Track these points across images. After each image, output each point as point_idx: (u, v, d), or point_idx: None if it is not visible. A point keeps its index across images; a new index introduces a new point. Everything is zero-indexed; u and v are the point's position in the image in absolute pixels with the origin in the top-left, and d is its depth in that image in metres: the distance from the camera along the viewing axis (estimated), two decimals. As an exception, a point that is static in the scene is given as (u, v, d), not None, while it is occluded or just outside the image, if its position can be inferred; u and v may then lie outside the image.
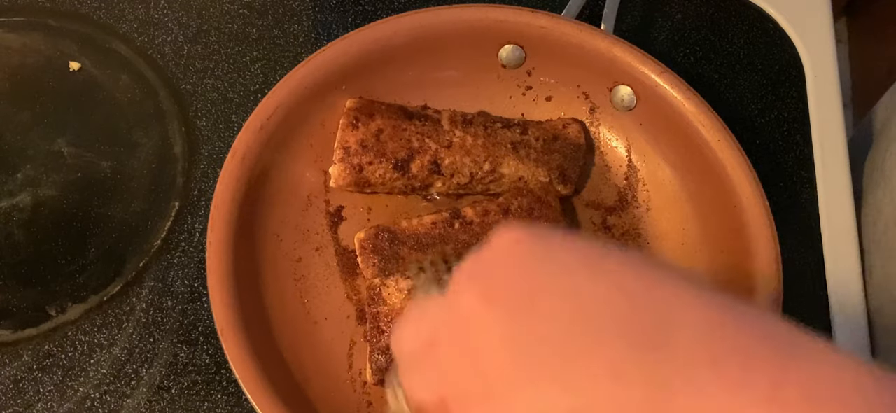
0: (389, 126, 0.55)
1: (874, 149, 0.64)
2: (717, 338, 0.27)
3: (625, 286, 0.28)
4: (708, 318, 0.27)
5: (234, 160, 0.52)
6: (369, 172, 0.55)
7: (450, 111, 0.58)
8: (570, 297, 0.28)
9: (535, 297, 0.29)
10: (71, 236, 0.57)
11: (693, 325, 0.27)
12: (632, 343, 0.27)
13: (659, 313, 0.27)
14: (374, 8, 0.67)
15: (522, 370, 0.28)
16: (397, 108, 0.57)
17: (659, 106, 0.57)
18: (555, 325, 0.28)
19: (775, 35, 0.68)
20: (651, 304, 0.28)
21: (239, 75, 0.63)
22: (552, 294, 0.29)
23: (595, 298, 0.28)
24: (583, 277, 0.29)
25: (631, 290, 0.28)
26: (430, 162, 0.55)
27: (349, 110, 0.56)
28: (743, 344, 0.26)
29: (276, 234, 0.55)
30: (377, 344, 0.50)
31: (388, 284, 0.51)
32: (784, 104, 0.65)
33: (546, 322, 0.28)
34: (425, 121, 0.56)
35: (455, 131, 0.56)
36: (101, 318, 0.54)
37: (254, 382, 0.47)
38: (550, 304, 0.28)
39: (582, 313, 0.28)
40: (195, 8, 0.66)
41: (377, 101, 0.57)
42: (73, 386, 0.52)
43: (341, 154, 0.55)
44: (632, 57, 0.57)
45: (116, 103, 0.62)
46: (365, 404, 0.52)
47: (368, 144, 0.55)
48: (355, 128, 0.55)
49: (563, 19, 0.58)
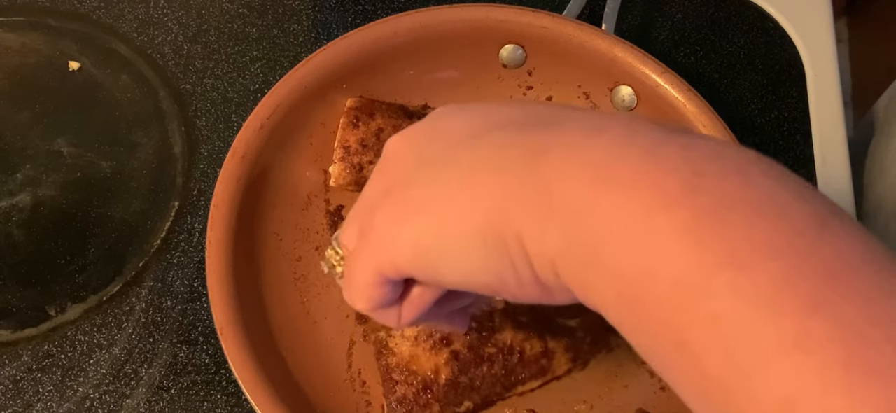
0: (390, 125, 0.55)
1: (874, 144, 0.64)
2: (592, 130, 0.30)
3: (525, 105, 0.33)
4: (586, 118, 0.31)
5: (233, 159, 0.52)
6: (369, 171, 0.55)
7: None
8: (471, 113, 0.33)
9: (441, 118, 0.34)
10: (70, 236, 0.57)
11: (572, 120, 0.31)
12: (521, 126, 0.31)
13: (549, 115, 0.32)
14: (374, 7, 0.67)
15: (423, 163, 0.32)
16: (398, 107, 0.57)
17: (660, 106, 0.57)
18: (455, 128, 0.33)
19: (775, 34, 0.68)
20: (543, 111, 0.32)
21: (239, 75, 0.63)
22: (456, 114, 0.34)
23: (494, 109, 0.33)
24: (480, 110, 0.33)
25: (530, 106, 0.33)
26: None
27: (349, 110, 0.56)
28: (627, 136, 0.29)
29: (276, 233, 0.55)
30: (393, 395, 0.50)
31: (394, 334, 0.51)
32: (784, 103, 0.65)
33: (447, 129, 0.33)
34: None
35: None
36: (101, 318, 0.54)
37: (253, 382, 0.47)
38: (452, 119, 0.33)
39: (481, 117, 0.33)
40: (195, 7, 0.66)
41: (378, 101, 0.57)
42: (73, 386, 0.52)
43: (341, 153, 0.55)
44: (632, 57, 0.57)
45: (116, 103, 0.62)
46: (364, 404, 0.51)
47: (369, 144, 0.55)
48: (356, 127, 0.55)
49: (563, 19, 0.58)
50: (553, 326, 0.52)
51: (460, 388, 0.50)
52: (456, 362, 0.50)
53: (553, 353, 0.51)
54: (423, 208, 0.32)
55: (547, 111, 0.32)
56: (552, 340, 0.51)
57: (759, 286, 0.24)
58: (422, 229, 0.32)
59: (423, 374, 0.50)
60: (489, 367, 0.50)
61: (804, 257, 0.24)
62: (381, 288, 0.34)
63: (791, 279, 0.24)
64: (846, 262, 0.24)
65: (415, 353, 0.51)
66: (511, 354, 0.51)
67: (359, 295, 0.35)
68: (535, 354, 0.51)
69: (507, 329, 0.51)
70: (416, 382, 0.50)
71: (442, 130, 0.33)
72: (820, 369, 0.23)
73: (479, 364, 0.50)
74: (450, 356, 0.50)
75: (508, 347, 0.51)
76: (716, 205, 0.26)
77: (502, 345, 0.51)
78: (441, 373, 0.50)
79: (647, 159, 0.28)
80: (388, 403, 0.50)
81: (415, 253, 0.32)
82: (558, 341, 0.51)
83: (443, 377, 0.50)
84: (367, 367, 0.52)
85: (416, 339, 0.51)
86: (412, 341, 0.51)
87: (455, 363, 0.50)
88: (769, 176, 0.27)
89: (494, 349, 0.51)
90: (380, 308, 0.36)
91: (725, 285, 0.25)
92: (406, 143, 0.34)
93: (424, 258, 0.32)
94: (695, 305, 0.25)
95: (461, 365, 0.50)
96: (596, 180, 0.28)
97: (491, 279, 0.31)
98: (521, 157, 0.30)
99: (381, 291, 0.34)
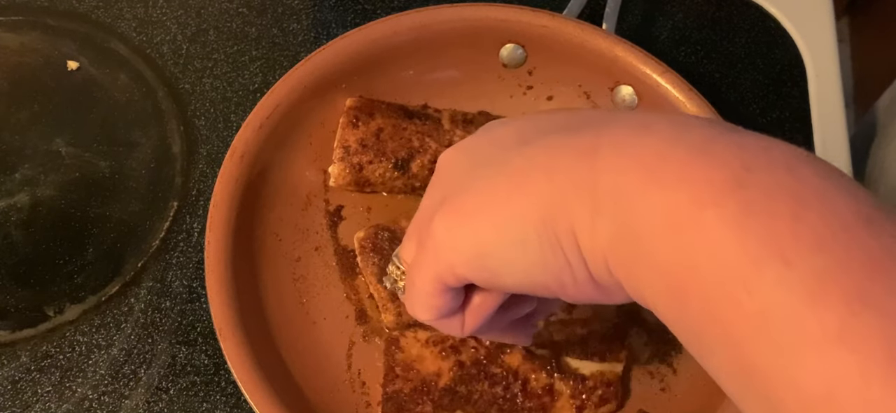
0: (389, 125, 0.55)
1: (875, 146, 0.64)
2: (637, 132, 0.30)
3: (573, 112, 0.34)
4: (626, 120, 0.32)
5: (232, 159, 0.52)
6: (369, 171, 0.55)
7: (450, 111, 0.57)
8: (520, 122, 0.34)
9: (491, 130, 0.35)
10: (69, 236, 0.57)
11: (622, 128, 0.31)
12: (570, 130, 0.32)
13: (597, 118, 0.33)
14: (374, 7, 0.67)
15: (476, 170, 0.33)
16: (398, 107, 0.57)
17: (661, 106, 0.56)
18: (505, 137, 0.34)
19: (777, 34, 0.68)
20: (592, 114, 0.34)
21: (238, 75, 0.63)
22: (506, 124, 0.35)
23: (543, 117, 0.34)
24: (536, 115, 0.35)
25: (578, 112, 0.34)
26: (430, 161, 0.55)
27: (349, 109, 0.56)
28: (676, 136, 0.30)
29: (275, 233, 0.54)
30: (391, 387, 0.50)
31: (407, 334, 0.51)
32: (785, 103, 0.65)
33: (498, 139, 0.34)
34: (426, 120, 0.56)
35: (456, 131, 0.56)
36: (100, 318, 0.54)
37: (252, 382, 0.46)
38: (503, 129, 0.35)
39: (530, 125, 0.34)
40: (194, 7, 0.66)
41: (377, 101, 0.57)
42: (71, 387, 0.52)
43: (341, 153, 0.55)
44: (633, 57, 0.56)
45: (115, 103, 0.61)
46: (364, 404, 0.51)
47: (368, 143, 0.55)
48: (355, 127, 0.55)
49: (564, 19, 0.58)
50: (566, 368, 0.51)
51: (457, 396, 0.50)
52: (459, 371, 0.50)
53: (558, 395, 0.50)
54: (478, 212, 0.32)
55: (595, 115, 0.34)
56: (561, 381, 0.50)
57: (804, 279, 0.25)
58: (478, 233, 0.32)
59: (425, 374, 0.50)
60: (490, 385, 0.50)
61: (849, 251, 0.25)
62: (442, 296, 0.35)
63: (835, 273, 0.24)
64: (891, 256, 0.25)
65: (423, 353, 0.51)
66: (515, 380, 0.50)
67: (421, 306, 0.36)
68: (540, 389, 0.50)
69: (518, 355, 0.51)
70: (415, 380, 0.50)
71: (492, 141, 0.35)
72: (861, 362, 0.23)
73: (481, 379, 0.50)
74: (455, 364, 0.50)
75: (514, 372, 0.50)
76: (764, 199, 0.26)
77: (509, 368, 0.50)
78: (442, 377, 0.50)
79: (697, 156, 0.28)
80: (384, 393, 0.50)
81: (473, 257, 0.33)
82: (566, 383, 0.50)
83: (442, 381, 0.50)
84: (367, 368, 0.52)
85: (427, 342, 0.51)
86: (423, 343, 0.51)
87: (458, 371, 0.50)
88: (817, 172, 0.28)
89: (500, 370, 0.50)
90: (443, 317, 0.36)
91: (771, 278, 0.25)
92: (458, 154, 0.36)
93: (483, 262, 0.33)
94: (740, 297, 0.26)
95: (463, 375, 0.50)
96: (645, 175, 0.29)
97: (548, 279, 0.32)
98: (572, 157, 0.31)
99: (443, 300, 0.35)
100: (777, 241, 0.25)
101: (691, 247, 0.27)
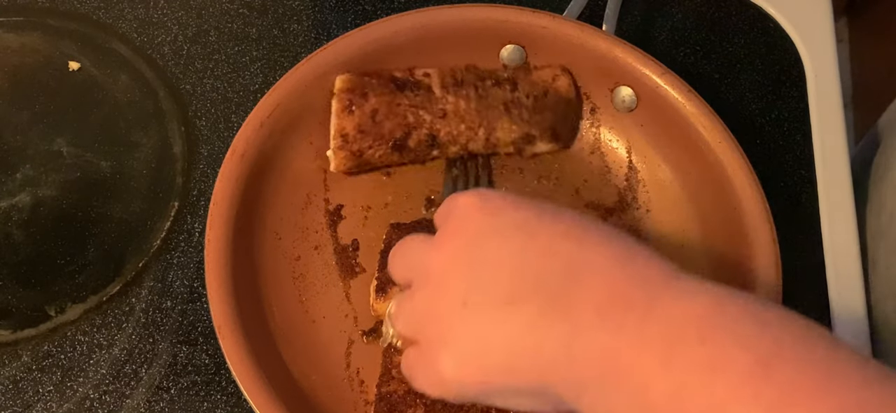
0: (383, 103, 0.55)
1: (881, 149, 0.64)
2: (608, 287, 0.35)
3: (551, 248, 0.37)
4: (606, 270, 0.36)
5: (233, 157, 0.52)
6: (369, 155, 0.55)
7: (439, 72, 0.57)
8: (506, 263, 0.37)
9: (481, 264, 0.38)
10: (70, 236, 0.57)
11: (595, 277, 0.36)
12: (546, 302, 0.36)
13: (572, 269, 0.36)
14: (374, 7, 0.67)
15: (467, 326, 0.37)
16: (387, 79, 0.56)
17: (660, 107, 0.57)
18: (494, 292, 0.37)
19: (776, 35, 0.68)
20: (567, 261, 0.36)
21: (238, 75, 0.63)
22: (494, 262, 0.37)
23: (525, 266, 0.37)
24: (519, 244, 0.37)
25: (554, 250, 0.37)
26: (426, 135, 0.55)
27: (340, 93, 0.55)
28: (624, 289, 0.35)
29: (275, 231, 0.55)
30: (385, 387, 0.50)
31: None
32: (784, 104, 0.65)
33: (489, 290, 0.37)
34: (417, 90, 0.56)
35: (447, 97, 0.56)
36: (101, 318, 0.54)
37: (251, 380, 0.47)
38: (492, 272, 0.37)
39: (514, 280, 0.37)
40: (195, 7, 0.66)
41: (366, 77, 0.56)
42: (73, 386, 0.52)
43: (340, 142, 0.55)
44: (633, 58, 0.57)
45: (116, 103, 0.62)
46: (362, 403, 0.51)
47: (366, 129, 0.55)
48: (350, 113, 0.54)
49: (564, 19, 0.58)
50: None
51: (449, 406, 0.50)
52: None
53: None
54: (482, 366, 0.37)
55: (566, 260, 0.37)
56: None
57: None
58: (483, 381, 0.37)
59: None
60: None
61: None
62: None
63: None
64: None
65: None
66: None
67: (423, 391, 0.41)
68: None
69: None
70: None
71: (482, 278, 0.38)
72: None
73: None
74: None
75: None
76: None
77: None
78: None
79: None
80: (378, 393, 0.50)
81: (477, 394, 0.39)
82: None
83: None
84: (366, 367, 0.52)
85: None
86: None
87: None
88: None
89: None
90: None
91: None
92: (452, 271, 0.38)
93: (486, 398, 0.39)
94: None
95: None
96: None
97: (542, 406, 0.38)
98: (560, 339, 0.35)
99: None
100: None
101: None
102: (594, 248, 0.37)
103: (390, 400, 0.50)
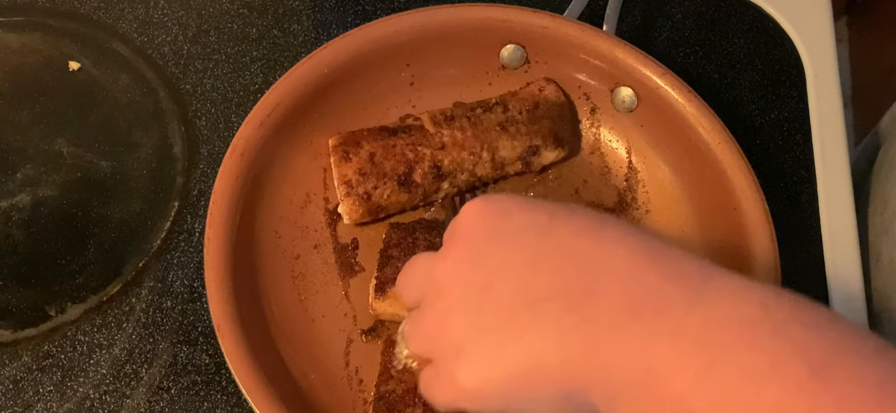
0: (379, 147, 0.55)
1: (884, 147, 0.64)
2: (637, 284, 0.33)
3: (565, 247, 0.35)
4: (631, 267, 0.33)
5: (233, 156, 0.52)
6: (377, 196, 0.54)
7: (429, 113, 0.57)
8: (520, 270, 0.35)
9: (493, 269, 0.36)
10: (70, 236, 0.57)
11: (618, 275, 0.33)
12: (567, 303, 0.34)
13: (591, 267, 0.34)
14: (374, 7, 0.67)
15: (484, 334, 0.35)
16: (378, 130, 0.56)
17: (660, 108, 0.57)
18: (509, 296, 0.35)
19: (775, 34, 0.68)
20: (585, 260, 0.34)
21: (239, 75, 0.63)
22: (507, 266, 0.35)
23: (540, 266, 0.35)
24: (531, 245, 0.35)
25: (570, 248, 0.35)
26: (430, 167, 0.55)
27: (335, 147, 0.55)
28: (657, 286, 0.33)
29: (275, 230, 0.55)
30: (384, 386, 0.50)
31: None
32: (784, 104, 0.65)
33: (503, 294, 0.35)
34: (410, 131, 0.56)
35: (442, 131, 0.55)
36: (101, 318, 0.54)
37: (250, 379, 0.47)
38: (505, 276, 0.35)
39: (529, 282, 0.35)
40: (195, 8, 0.66)
41: (357, 131, 0.56)
42: (73, 386, 0.52)
43: (345, 189, 0.54)
44: (633, 59, 0.57)
45: (116, 103, 0.62)
46: (361, 402, 0.51)
47: (367, 171, 0.54)
48: (348, 160, 0.54)
49: (564, 20, 0.58)
50: None
51: None
52: None
53: None
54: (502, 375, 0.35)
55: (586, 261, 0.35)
56: None
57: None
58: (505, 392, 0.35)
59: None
60: None
61: None
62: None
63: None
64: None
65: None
66: None
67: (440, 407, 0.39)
68: None
69: None
70: (409, 382, 0.50)
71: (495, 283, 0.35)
72: None
73: None
74: None
75: None
76: None
77: None
78: None
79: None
80: (376, 392, 0.50)
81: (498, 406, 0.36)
82: None
83: None
84: (365, 366, 0.52)
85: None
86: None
87: None
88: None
89: None
90: None
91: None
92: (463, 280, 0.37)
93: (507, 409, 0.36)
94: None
95: None
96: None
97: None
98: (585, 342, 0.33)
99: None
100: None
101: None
102: (614, 245, 0.34)
103: (389, 399, 0.50)
